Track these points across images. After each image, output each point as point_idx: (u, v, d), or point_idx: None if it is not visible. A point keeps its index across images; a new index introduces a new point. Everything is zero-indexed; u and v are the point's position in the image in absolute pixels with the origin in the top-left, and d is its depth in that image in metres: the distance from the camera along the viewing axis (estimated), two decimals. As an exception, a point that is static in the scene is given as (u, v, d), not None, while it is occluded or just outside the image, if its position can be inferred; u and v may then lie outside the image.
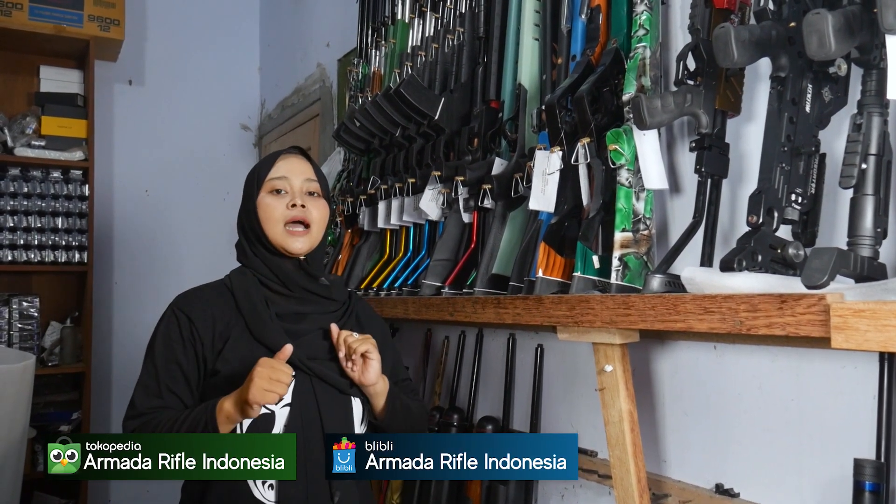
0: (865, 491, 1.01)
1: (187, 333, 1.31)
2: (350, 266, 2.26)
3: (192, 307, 1.34)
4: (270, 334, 1.30)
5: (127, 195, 3.86)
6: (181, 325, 1.31)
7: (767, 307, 0.93)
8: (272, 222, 1.36)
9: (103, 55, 3.63)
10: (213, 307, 1.34)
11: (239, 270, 1.41)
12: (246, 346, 1.31)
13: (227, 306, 1.34)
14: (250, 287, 1.35)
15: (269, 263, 1.37)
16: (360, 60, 2.57)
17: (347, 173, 2.53)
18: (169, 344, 1.31)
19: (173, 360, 1.30)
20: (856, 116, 1.00)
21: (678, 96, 1.20)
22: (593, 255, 1.34)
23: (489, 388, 1.98)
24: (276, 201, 1.37)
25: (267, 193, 1.38)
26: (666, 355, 1.46)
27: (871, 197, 0.96)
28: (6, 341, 3.29)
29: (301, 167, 1.41)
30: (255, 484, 1.26)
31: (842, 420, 1.14)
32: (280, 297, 1.37)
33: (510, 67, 1.77)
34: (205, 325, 1.31)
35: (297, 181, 1.39)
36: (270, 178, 1.38)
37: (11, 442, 2.47)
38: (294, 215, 1.36)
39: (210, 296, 1.37)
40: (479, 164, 1.75)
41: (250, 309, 1.33)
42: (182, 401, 1.30)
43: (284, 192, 1.38)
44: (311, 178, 1.40)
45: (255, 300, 1.34)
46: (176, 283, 1.46)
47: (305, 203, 1.37)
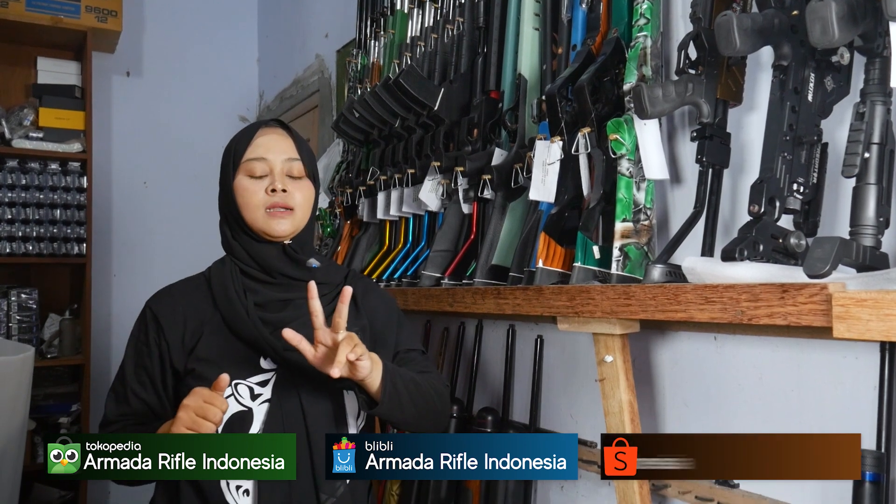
0: (866, 481, 1.00)
1: (154, 336, 1.26)
2: (349, 257, 2.26)
3: (161, 307, 1.29)
4: (245, 327, 1.23)
5: (125, 187, 3.85)
6: (148, 328, 1.27)
7: (769, 297, 0.93)
8: (251, 208, 1.26)
9: (101, 46, 3.62)
10: (184, 305, 1.28)
11: (220, 261, 1.33)
12: (224, 339, 1.24)
13: (204, 301, 1.28)
14: (227, 278, 1.28)
15: (251, 250, 1.29)
16: (359, 51, 2.56)
17: (347, 164, 2.52)
18: (137, 347, 1.28)
19: (140, 364, 1.27)
20: (858, 105, 0.99)
21: (679, 85, 1.19)
22: (594, 245, 1.34)
23: (489, 379, 1.98)
24: (255, 185, 1.26)
25: (245, 176, 1.27)
26: (666, 346, 1.46)
27: (874, 186, 0.96)
28: (5, 333, 3.29)
29: (282, 144, 1.29)
30: (229, 489, 1.20)
31: (842, 410, 1.14)
32: (261, 285, 1.29)
33: (510, 57, 1.76)
34: (173, 325, 1.26)
35: (278, 161, 1.27)
36: (248, 159, 1.27)
37: (11, 434, 2.47)
38: (274, 201, 1.26)
39: (184, 293, 1.31)
40: (479, 155, 1.74)
41: (226, 302, 1.26)
42: (149, 406, 1.26)
43: (263, 173, 1.27)
44: (293, 157, 1.29)
45: (230, 293, 1.26)
46: (174, 275, 1.44)
47: (287, 186, 1.27)
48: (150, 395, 1.27)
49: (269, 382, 1.23)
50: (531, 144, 1.56)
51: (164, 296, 1.32)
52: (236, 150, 1.30)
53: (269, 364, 1.24)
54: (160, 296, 1.32)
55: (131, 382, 1.27)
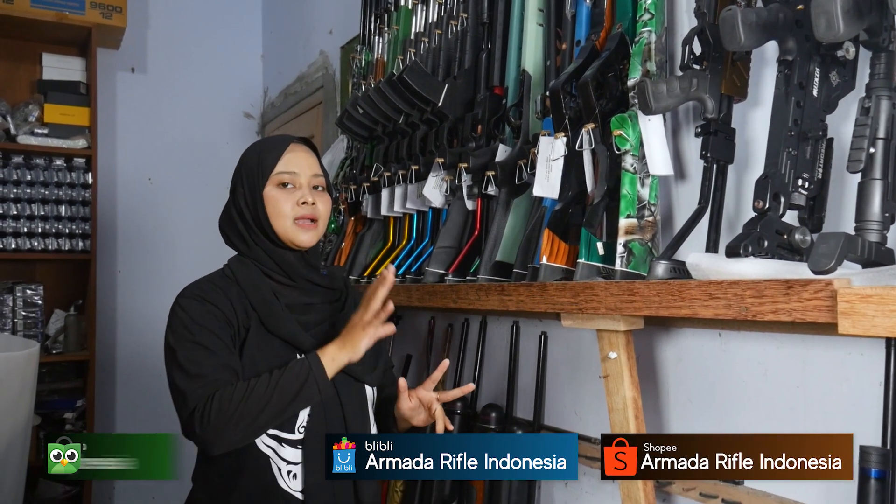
0: (871, 478, 1.00)
1: (220, 314, 1.26)
2: (353, 254, 2.26)
3: (208, 296, 1.29)
4: (286, 327, 1.29)
5: (130, 183, 3.86)
6: (208, 309, 1.26)
7: (773, 293, 0.93)
8: (281, 217, 1.33)
9: (105, 43, 3.62)
10: (228, 300, 1.30)
11: (238, 261, 1.37)
12: (263, 339, 1.29)
13: (238, 298, 1.31)
14: (257, 279, 1.33)
15: (273, 255, 1.35)
16: (363, 47, 2.56)
17: (351, 161, 2.52)
18: (203, 324, 1.25)
19: (212, 335, 1.24)
20: (864, 100, 0.98)
21: (684, 81, 1.19)
22: (597, 241, 1.34)
23: (493, 376, 1.98)
24: (286, 196, 1.34)
25: (274, 187, 1.34)
26: (671, 343, 1.45)
27: (879, 181, 0.95)
28: (10, 329, 3.30)
29: (308, 161, 1.38)
30: (281, 474, 1.27)
31: (847, 407, 1.14)
32: (286, 289, 1.35)
33: (514, 53, 1.75)
34: (230, 312, 1.28)
35: (306, 177, 1.36)
36: (279, 172, 1.35)
37: (16, 429, 2.48)
38: (305, 213, 1.34)
39: (220, 287, 1.32)
40: (483, 151, 1.74)
41: (262, 302, 1.31)
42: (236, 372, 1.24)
43: (292, 186, 1.35)
44: (318, 174, 1.38)
45: (265, 293, 1.32)
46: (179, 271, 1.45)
47: (315, 199, 1.36)
48: (235, 360, 1.26)
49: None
50: (535, 140, 1.55)
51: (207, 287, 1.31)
52: (266, 160, 1.36)
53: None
54: (202, 287, 1.31)
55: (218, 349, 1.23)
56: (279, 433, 1.28)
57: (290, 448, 1.28)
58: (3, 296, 3.31)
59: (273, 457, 1.28)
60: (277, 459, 1.28)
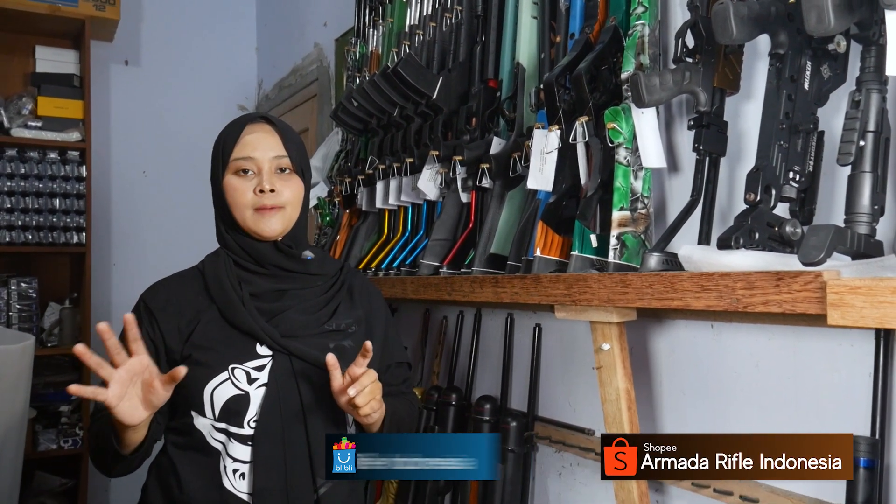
0: (860, 467, 1.01)
1: (147, 327, 1.26)
2: (348, 246, 2.27)
3: (154, 298, 1.29)
4: (242, 317, 1.24)
5: (124, 176, 3.85)
6: (142, 319, 1.26)
7: (764, 284, 0.94)
8: (239, 207, 1.28)
9: (99, 35, 3.61)
10: (178, 296, 1.29)
11: (213, 254, 1.35)
12: (219, 328, 1.26)
13: (198, 293, 1.29)
14: (221, 270, 1.29)
15: (243, 245, 1.30)
16: (357, 40, 2.56)
17: (345, 153, 2.52)
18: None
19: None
20: (854, 93, 0.99)
21: (677, 74, 1.19)
22: (591, 234, 1.34)
23: (487, 368, 1.99)
24: (243, 184, 1.27)
25: (232, 175, 1.28)
26: (663, 334, 1.46)
27: (869, 174, 0.96)
28: (5, 322, 3.30)
29: (269, 141, 1.29)
30: (226, 472, 1.21)
31: (838, 397, 1.15)
32: (255, 276, 1.30)
33: (508, 46, 1.76)
34: (167, 315, 1.27)
35: (265, 160, 1.27)
36: (235, 158, 1.28)
37: (12, 422, 2.48)
38: (263, 202, 1.26)
39: (178, 286, 1.32)
40: (477, 144, 1.74)
41: (221, 294, 1.27)
42: None
43: (252, 172, 1.27)
44: (280, 154, 1.28)
45: (225, 284, 1.27)
46: (173, 264, 1.45)
47: (275, 185, 1.26)
48: None
49: (265, 367, 1.23)
50: (529, 133, 1.56)
51: (158, 288, 1.33)
52: (224, 148, 1.30)
53: (266, 350, 1.25)
54: (154, 288, 1.33)
55: None
56: (227, 426, 1.22)
57: (239, 444, 1.21)
58: (-2, 289, 3.31)
59: (223, 452, 1.22)
60: (225, 456, 1.22)
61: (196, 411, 1.23)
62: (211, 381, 1.22)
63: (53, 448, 3.30)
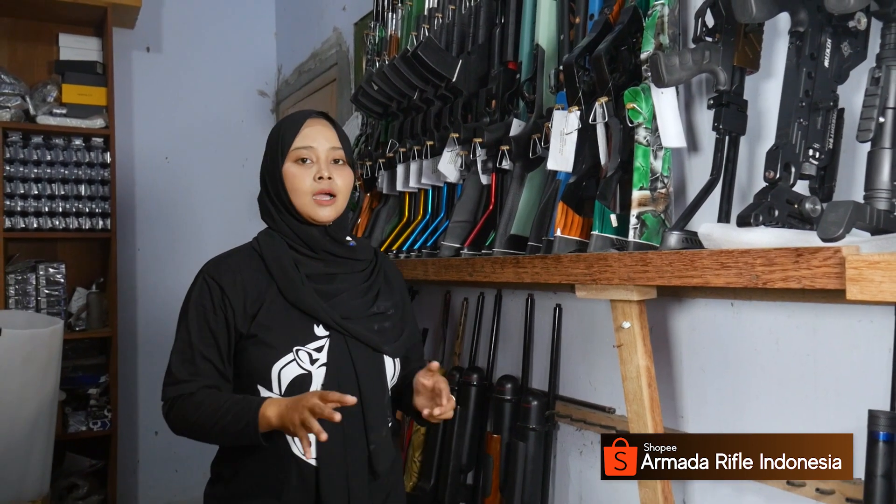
0: (879, 441, 1.02)
1: (218, 301, 1.33)
2: (370, 229, 2.29)
3: (221, 275, 1.35)
4: (303, 297, 1.33)
5: (147, 162, 3.90)
6: (212, 293, 1.33)
7: (784, 261, 0.94)
8: (299, 193, 1.37)
9: (121, 22, 3.65)
10: (243, 274, 1.35)
11: (266, 233, 1.42)
12: (281, 309, 1.33)
13: (259, 271, 1.36)
14: (279, 251, 1.37)
15: (296, 230, 1.39)
16: (376, 24, 2.57)
17: (366, 137, 2.54)
18: (201, 311, 1.33)
19: (206, 326, 1.32)
20: (874, 70, 0.99)
21: (696, 53, 1.20)
22: (611, 213, 1.36)
23: (508, 348, 2.01)
24: (303, 172, 1.37)
25: (293, 163, 1.38)
26: (683, 313, 1.47)
27: (889, 150, 0.96)
28: (34, 307, 3.36)
29: (326, 134, 1.40)
30: (294, 441, 1.29)
31: (857, 373, 1.16)
32: (309, 260, 1.39)
33: (527, 28, 1.76)
34: (235, 292, 1.33)
35: (323, 150, 1.38)
36: (296, 148, 1.38)
37: (43, 403, 2.54)
38: (321, 188, 1.37)
39: (240, 262, 1.38)
40: (497, 126, 1.75)
41: (281, 273, 1.35)
42: (215, 367, 1.32)
43: (310, 161, 1.38)
44: (337, 146, 1.40)
45: (285, 264, 1.35)
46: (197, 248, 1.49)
47: (332, 174, 1.38)
48: (216, 356, 1.32)
49: (323, 348, 1.32)
50: (549, 115, 1.57)
51: (223, 264, 1.38)
52: (284, 138, 1.39)
53: (322, 331, 1.34)
54: (219, 263, 1.38)
55: (198, 344, 1.32)
56: None
57: None
58: (27, 274, 3.37)
59: None
60: None
61: (262, 386, 1.31)
62: (278, 361, 1.30)
63: (83, 430, 3.37)
